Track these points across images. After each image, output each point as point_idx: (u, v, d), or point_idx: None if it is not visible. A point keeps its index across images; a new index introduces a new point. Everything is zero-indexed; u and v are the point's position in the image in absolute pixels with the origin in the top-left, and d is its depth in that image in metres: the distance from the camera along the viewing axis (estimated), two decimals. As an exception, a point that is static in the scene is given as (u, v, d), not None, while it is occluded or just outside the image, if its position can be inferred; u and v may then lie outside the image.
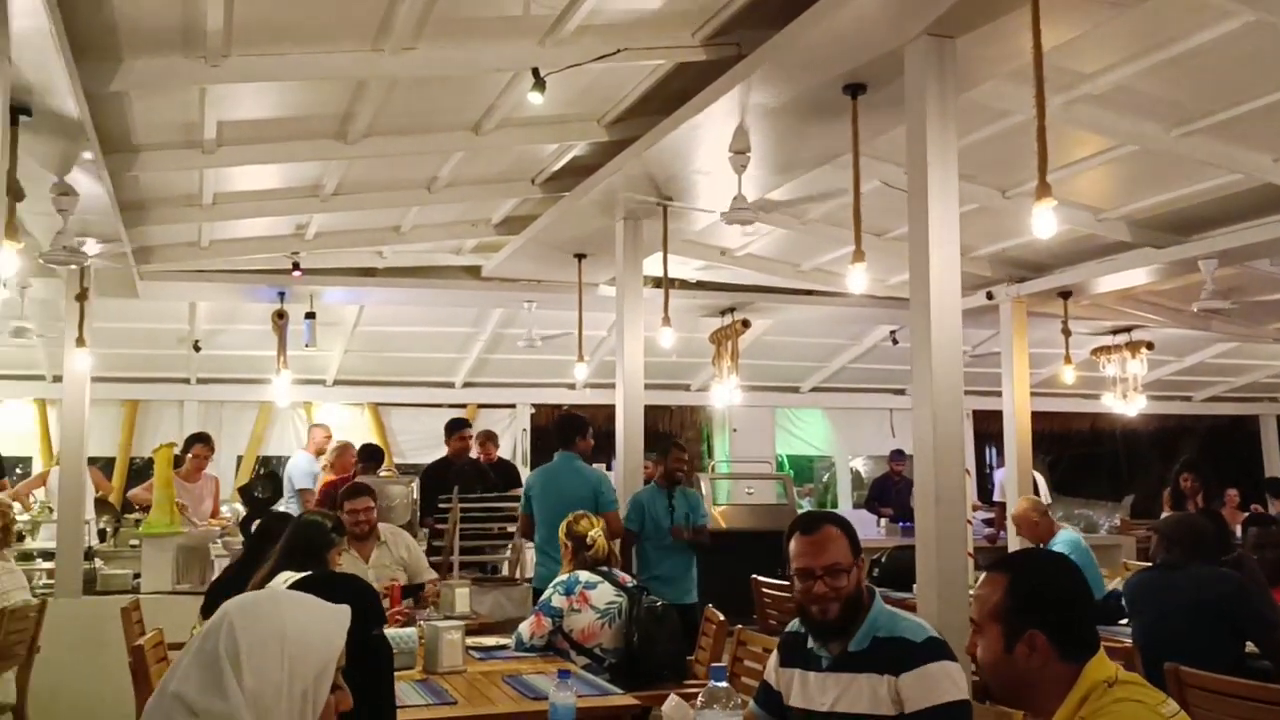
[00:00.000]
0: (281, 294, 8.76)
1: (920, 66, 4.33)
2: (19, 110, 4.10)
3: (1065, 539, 6.30)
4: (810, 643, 2.82)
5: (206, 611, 4.28)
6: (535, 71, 4.79)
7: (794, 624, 2.96)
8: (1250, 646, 4.36)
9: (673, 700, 2.96)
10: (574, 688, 2.97)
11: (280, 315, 8.84)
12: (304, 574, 2.75)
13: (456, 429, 8.77)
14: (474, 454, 9.15)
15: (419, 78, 5.14)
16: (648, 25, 4.85)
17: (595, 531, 4.71)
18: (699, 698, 2.22)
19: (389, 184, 6.83)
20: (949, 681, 2.62)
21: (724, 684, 2.21)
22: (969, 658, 2.28)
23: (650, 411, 12.01)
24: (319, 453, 9.23)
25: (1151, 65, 4.88)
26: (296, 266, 8.22)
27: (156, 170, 5.97)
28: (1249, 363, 12.12)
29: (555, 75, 4.91)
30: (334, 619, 1.81)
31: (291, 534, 4.28)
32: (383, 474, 8.41)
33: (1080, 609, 2.12)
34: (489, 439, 9.47)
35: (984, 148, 5.84)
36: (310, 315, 8.88)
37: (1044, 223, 3.78)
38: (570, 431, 6.70)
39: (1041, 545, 6.29)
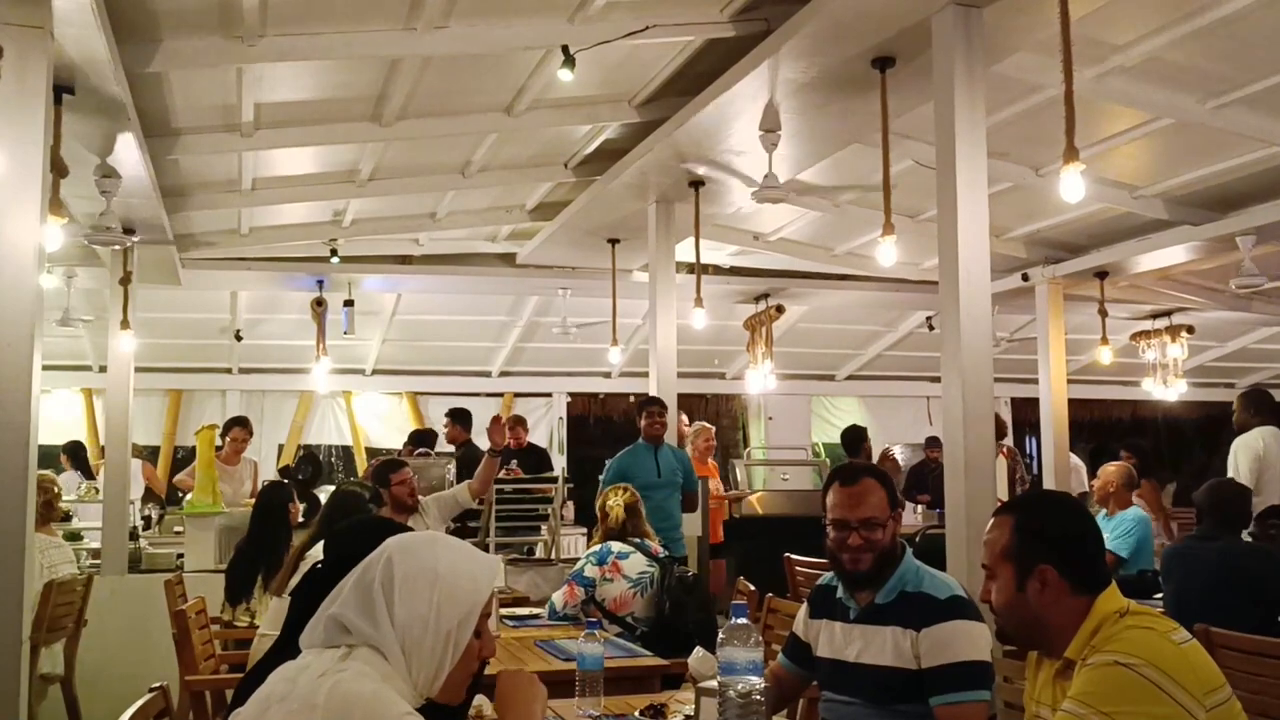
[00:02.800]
0: (320, 282, 8.89)
1: (948, 37, 4.32)
2: (62, 89, 4.20)
3: (1133, 515, 6.20)
4: (840, 593, 2.84)
5: (231, 594, 4.39)
6: (565, 49, 4.84)
7: (826, 577, 2.98)
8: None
9: (699, 652, 3.01)
10: (602, 640, 3.02)
11: (319, 303, 8.97)
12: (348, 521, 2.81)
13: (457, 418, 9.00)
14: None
15: (451, 57, 5.21)
16: (676, 2, 4.89)
17: (613, 501, 4.79)
18: (720, 633, 2.25)
19: (424, 168, 6.92)
20: (968, 640, 2.58)
21: (744, 620, 2.24)
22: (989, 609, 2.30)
23: (686, 400, 12.11)
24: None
25: (1184, 35, 4.83)
26: (334, 253, 8.32)
27: (196, 154, 6.10)
28: (1294, 348, 11.94)
29: (585, 55, 4.96)
30: (486, 566, 1.90)
31: (330, 504, 4.37)
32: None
33: (1088, 543, 2.16)
34: (518, 424, 9.53)
35: (1016, 124, 5.82)
36: (349, 303, 9.00)
37: (1073, 187, 3.77)
38: None
39: (1110, 513, 6.17)
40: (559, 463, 10.67)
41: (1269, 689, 3.41)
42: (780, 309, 9.64)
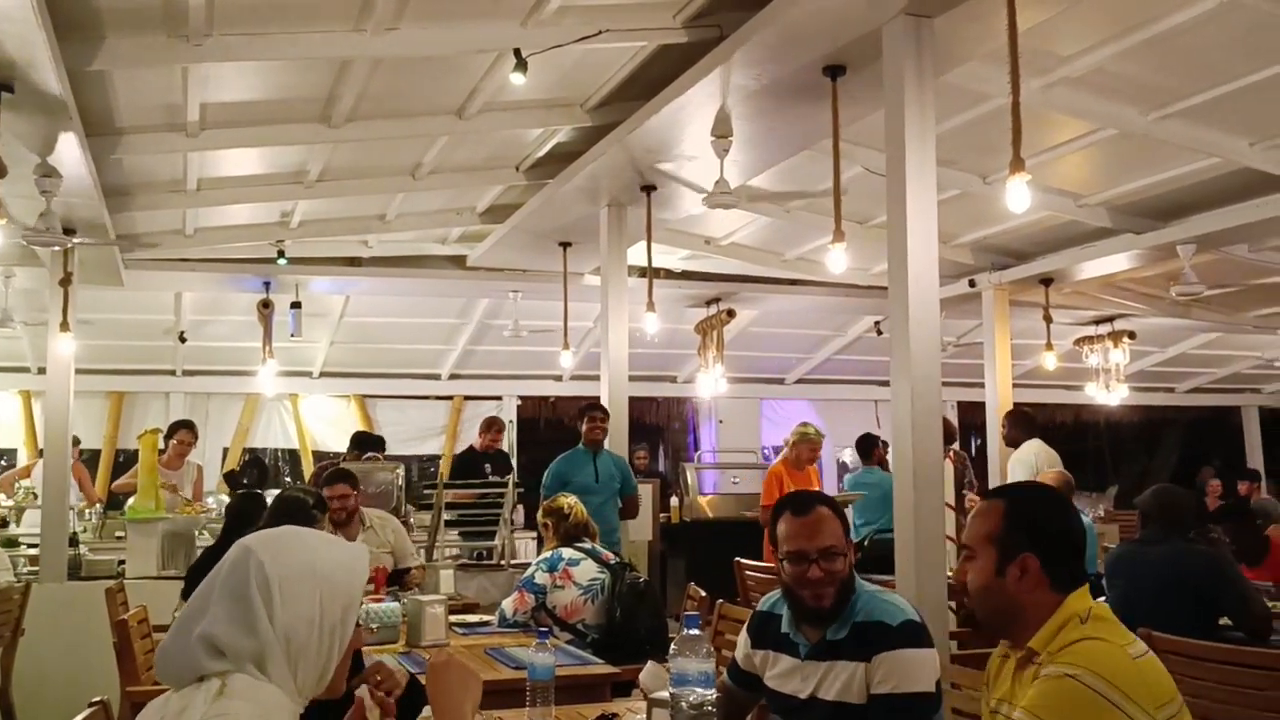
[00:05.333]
0: (267, 284, 8.77)
1: (898, 46, 4.36)
2: (1, 87, 4.10)
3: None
4: (785, 626, 2.74)
5: (187, 594, 4.30)
6: (517, 52, 4.81)
7: (765, 604, 2.89)
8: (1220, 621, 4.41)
9: (650, 667, 2.99)
10: (552, 649, 3.00)
11: (266, 305, 8.85)
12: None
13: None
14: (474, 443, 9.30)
15: (401, 60, 5.17)
16: (629, 7, 4.89)
17: (572, 500, 4.77)
18: (672, 645, 2.24)
19: (373, 170, 6.85)
20: (917, 671, 2.54)
21: (696, 631, 2.23)
22: (946, 639, 2.32)
23: (637, 403, 12.12)
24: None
25: (1128, 47, 4.92)
26: (281, 254, 8.21)
27: (139, 153, 5.98)
28: (1231, 353, 12.19)
29: (537, 59, 4.94)
30: (358, 555, 1.82)
31: (273, 510, 4.29)
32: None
33: (1072, 541, 2.16)
34: (492, 426, 9.45)
35: (965, 133, 5.89)
36: (296, 305, 8.88)
37: (1018, 197, 3.81)
38: None
39: None
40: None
41: (1210, 693, 3.47)
42: (731, 313, 9.67)
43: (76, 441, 8.95)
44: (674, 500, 10.02)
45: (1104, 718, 1.89)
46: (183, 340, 9.78)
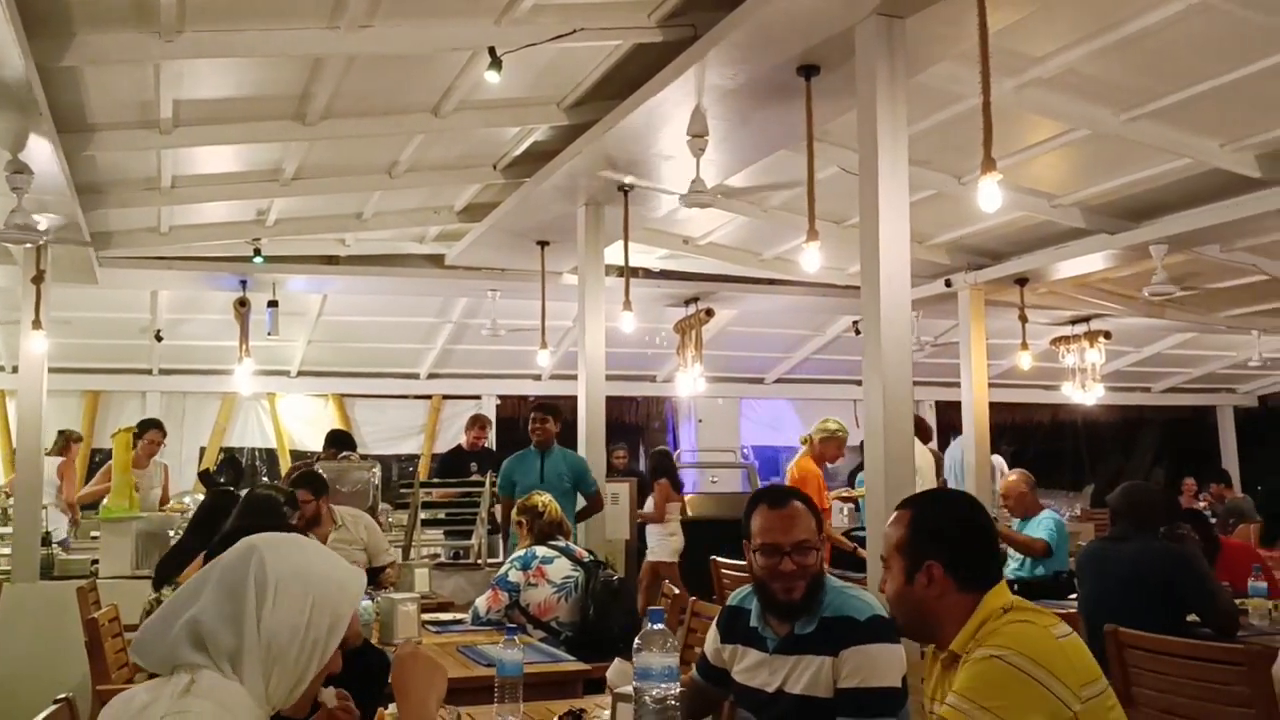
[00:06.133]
0: (244, 282, 8.73)
1: (871, 47, 4.37)
2: (-31, 82, 4.08)
3: (1050, 515, 6.39)
4: (753, 621, 2.76)
5: (157, 585, 4.29)
6: (492, 51, 4.81)
7: (734, 598, 2.91)
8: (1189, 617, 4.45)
9: (617, 663, 3.00)
10: (521, 646, 3.00)
11: (242, 303, 8.81)
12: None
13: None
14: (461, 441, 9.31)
15: (376, 57, 5.16)
16: (604, 6, 4.89)
17: (546, 498, 4.78)
18: (635, 640, 2.25)
19: (349, 168, 6.84)
20: (884, 665, 2.56)
21: (660, 625, 2.24)
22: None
23: (617, 403, 12.14)
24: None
25: (1099, 48, 4.96)
26: (258, 253, 8.18)
27: (112, 150, 5.95)
28: (1205, 353, 12.30)
29: (513, 57, 4.93)
30: (354, 574, 1.80)
31: (243, 507, 4.27)
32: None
33: (976, 542, 2.20)
34: (476, 423, 9.43)
35: (939, 133, 5.91)
36: (273, 304, 8.86)
37: (990, 197, 3.84)
38: None
39: (1027, 518, 6.36)
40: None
41: (1175, 687, 3.51)
42: (710, 313, 9.69)
43: (78, 438, 8.89)
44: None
45: (1030, 695, 1.93)
46: (159, 339, 9.73)
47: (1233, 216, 6.51)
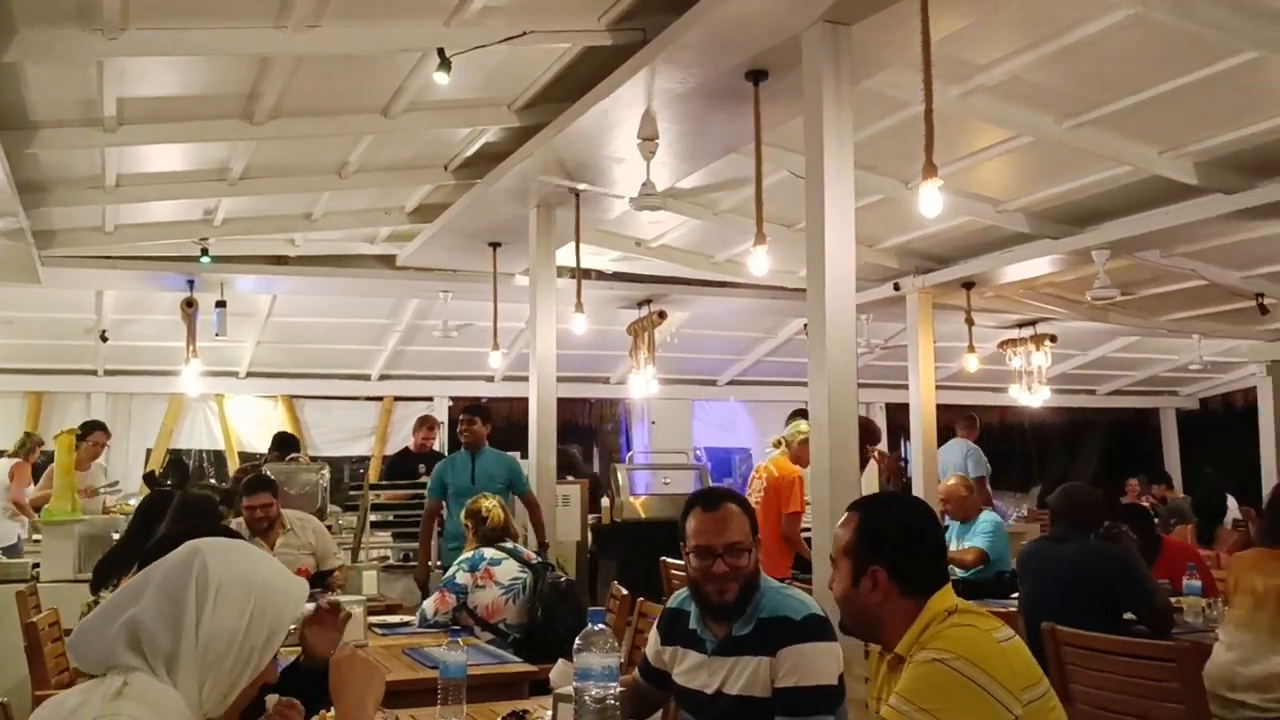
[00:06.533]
0: (191, 282, 8.64)
1: (817, 53, 4.42)
2: (-95, 78, 4.01)
3: (989, 518, 6.49)
4: (693, 623, 2.78)
5: (95, 587, 4.23)
6: (441, 52, 4.80)
7: (674, 601, 2.93)
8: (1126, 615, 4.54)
9: (560, 664, 3.01)
10: (464, 647, 3.00)
11: (190, 304, 8.71)
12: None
13: None
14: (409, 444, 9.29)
15: (325, 57, 5.13)
16: (553, 8, 4.90)
17: (491, 503, 4.78)
18: (576, 640, 2.27)
19: (298, 168, 6.79)
20: (820, 663, 2.58)
21: (601, 626, 2.26)
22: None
23: (570, 404, 12.14)
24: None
25: (1042, 57, 5.04)
26: (205, 253, 8.09)
27: (55, 148, 5.86)
28: (1149, 356, 12.53)
29: (463, 58, 4.92)
30: (298, 584, 1.80)
31: (177, 508, 4.20)
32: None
33: (923, 548, 2.24)
34: (424, 424, 9.39)
35: (886, 139, 5.99)
36: (221, 304, 8.76)
37: (931, 202, 3.89)
38: None
39: (967, 521, 6.46)
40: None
41: (1109, 684, 3.58)
42: (662, 315, 9.73)
43: (40, 442, 8.72)
44: (605, 501, 10.03)
45: (970, 698, 1.96)
46: (104, 339, 9.59)
47: (1171, 223, 6.65)
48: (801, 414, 6.68)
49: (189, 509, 4.14)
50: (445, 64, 4.81)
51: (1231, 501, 9.87)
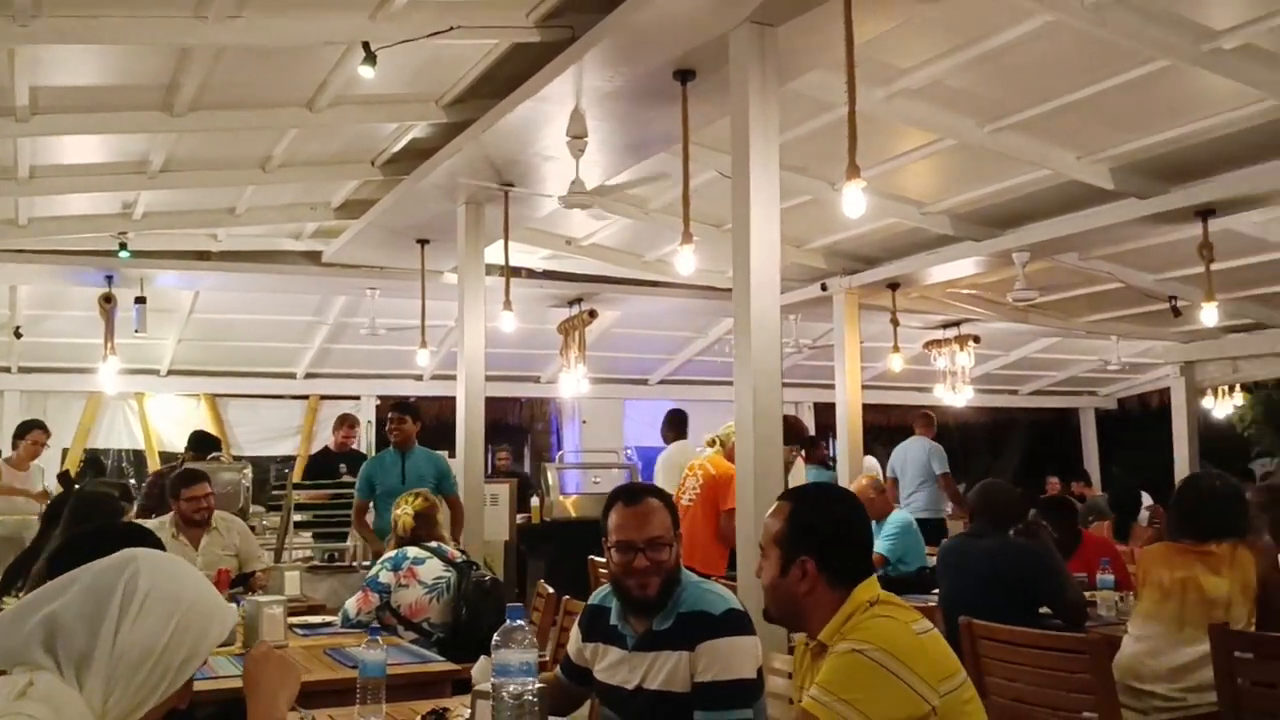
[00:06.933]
0: (109, 277, 8.43)
1: (744, 53, 4.45)
2: None
3: (898, 517, 6.61)
4: (614, 619, 2.79)
5: (3, 591, 4.11)
6: (366, 46, 4.75)
7: (596, 597, 2.94)
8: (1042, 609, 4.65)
9: (481, 661, 3.00)
10: (384, 646, 2.97)
11: (107, 299, 8.51)
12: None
13: None
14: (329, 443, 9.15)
15: (247, 48, 5.05)
16: (481, 4, 4.87)
17: (400, 510, 4.75)
18: (494, 637, 2.26)
19: (220, 162, 6.66)
20: (738, 658, 2.60)
21: (519, 622, 2.26)
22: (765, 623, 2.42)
23: (501, 404, 12.08)
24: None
25: (964, 61, 5.14)
26: (124, 247, 7.91)
27: (-36, 138, 5.69)
28: (1069, 357, 12.82)
29: (389, 53, 4.88)
30: (226, 610, 1.77)
31: (75, 507, 4.08)
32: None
33: (851, 541, 2.29)
34: (344, 423, 9.26)
35: (814, 140, 6.04)
36: (140, 300, 8.57)
37: (854, 203, 3.94)
38: None
39: (878, 521, 6.57)
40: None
41: (1023, 676, 3.66)
42: (593, 313, 9.72)
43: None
44: (534, 500, 10.00)
45: (888, 688, 2.00)
46: (18, 335, 9.32)
47: (1088, 226, 6.82)
48: None
49: (86, 507, 4.03)
50: (370, 58, 4.76)
51: (1147, 498, 10.14)
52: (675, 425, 8.08)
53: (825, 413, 12.40)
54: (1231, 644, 3.27)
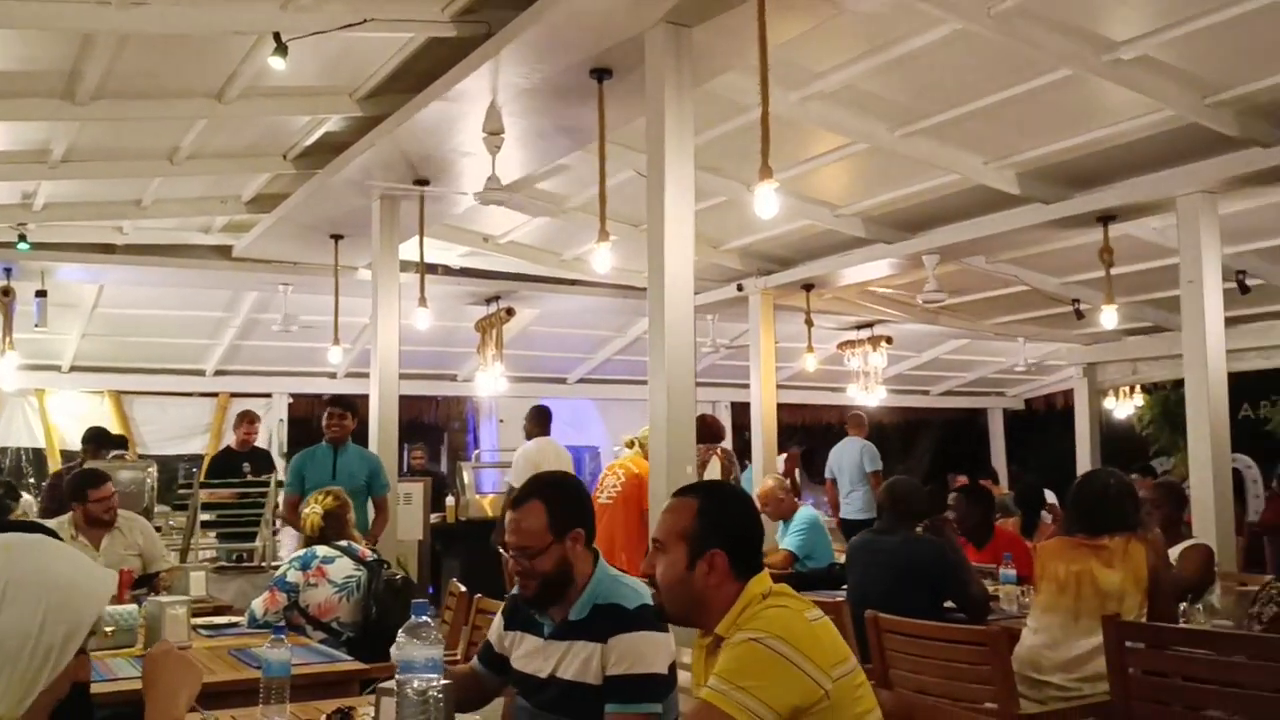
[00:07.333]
0: (8, 269, 8.17)
1: (659, 53, 4.49)
2: None
3: (804, 514, 6.71)
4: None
5: None
6: (277, 36, 4.67)
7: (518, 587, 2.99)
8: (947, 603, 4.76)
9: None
10: (289, 645, 2.93)
11: (5, 292, 8.23)
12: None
13: None
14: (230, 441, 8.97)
15: (153, 37, 4.93)
16: (396, -3, 4.84)
17: (309, 509, 4.68)
18: (399, 633, 2.24)
19: (126, 152, 6.49)
20: (650, 652, 2.61)
21: (424, 618, 2.24)
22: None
23: (416, 402, 11.96)
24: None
25: (875, 66, 5.24)
26: (23, 238, 7.66)
27: None
28: (978, 359, 13.12)
29: (302, 44, 4.81)
30: (101, 579, 1.73)
31: None
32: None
33: (754, 534, 2.34)
34: (244, 419, 9.07)
35: (730, 141, 6.11)
36: (41, 293, 8.30)
37: (766, 203, 3.99)
38: None
39: (786, 520, 6.69)
40: (281, 466, 10.25)
41: (927, 668, 3.75)
42: (510, 311, 9.68)
43: None
44: (450, 499, 9.93)
45: (784, 675, 2.05)
46: (-91, 329, 8.96)
47: (995, 230, 7.00)
48: None
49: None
50: (281, 48, 4.69)
51: (1051, 496, 10.42)
52: (540, 421, 8.15)
53: (742, 412, 12.53)
54: (1123, 634, 3.38)
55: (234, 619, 4.69)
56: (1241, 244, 7.39)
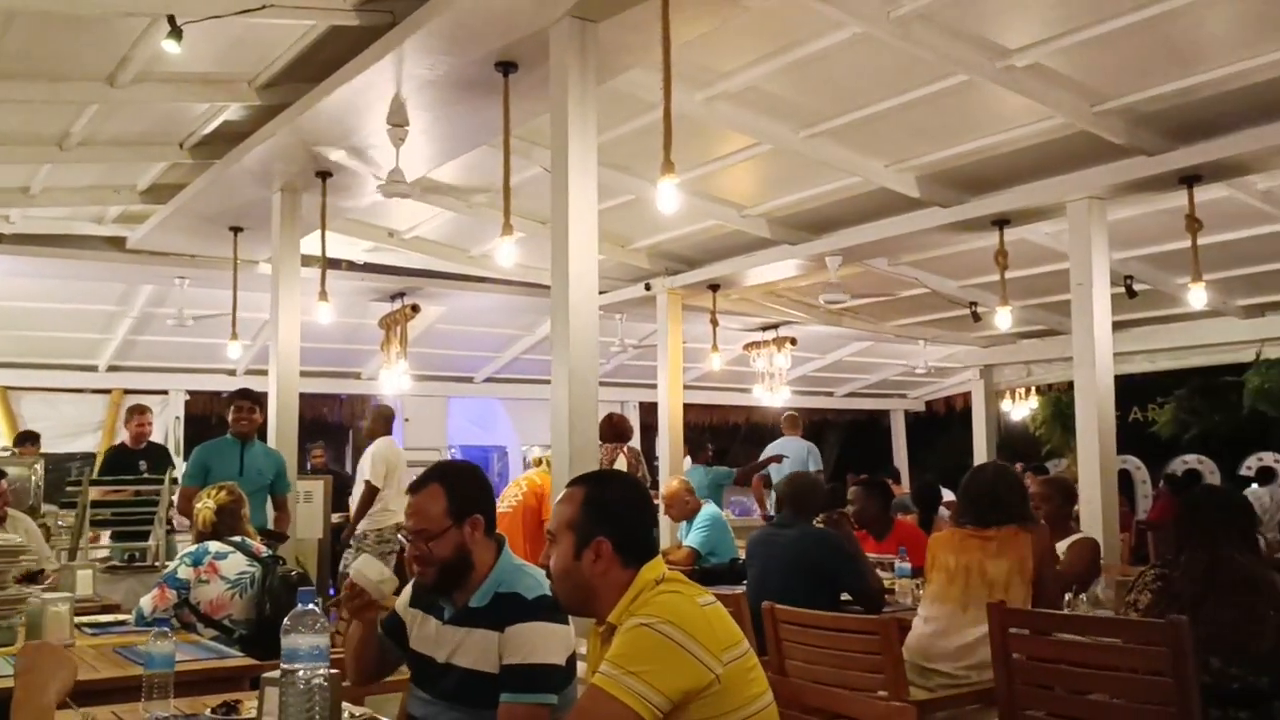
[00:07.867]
0: (-117, 259, 7.82)
1: (564, 48, 4.48)
2: None
3: (707, 511, 6.79)
4: None
5: None
6: (171, 19, 4.55)
7: None
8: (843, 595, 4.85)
9: (363, 558, 2.94)
10: (174, 640, 2.86)
11: (-119, 282, 7.87)
12: None
13: None
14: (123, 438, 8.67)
15: (40, 16, 4.76)
16: (298, -17, 4.75)
17: (202, 503, 4.58)
18: (284, 621, 2.20)
19: (12, 137, 6.24)
20: (544, 642, 2.59)
21: (310, 606, 2.21)
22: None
23: (318, 400, 11.76)
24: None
25: (779, 68, 5.31)
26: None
27: None
28: (881, 361, 13.38)
29: (199, 28, 4.69)
30: None
31: None
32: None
33: (640, 521, 2.34)
34: (136, 411, 8.78)
35: (638, 139, 6.12)
36: (-80, 284, 7.97)
37: (667, 198, 4.02)
38: None
39: (689, 519, 6.78)
40: (179, 464, 9.98)
41: (821, 657, 3.81)
42: (415, 308, 9.57)
43: None
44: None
45: (675, 659, 2.07)
46: None
47: (896, 232, 7.15)
48: None
49: None
50: (176, 32, 4.57)
51: (949, 494, 10.68)
52: (385, 421, 8.18)
53: (649, 412, 12.58)
54: (1007, 620, 3.48)
55: (120, 617, 4.56)
56: (1130, 249, 7.66)
